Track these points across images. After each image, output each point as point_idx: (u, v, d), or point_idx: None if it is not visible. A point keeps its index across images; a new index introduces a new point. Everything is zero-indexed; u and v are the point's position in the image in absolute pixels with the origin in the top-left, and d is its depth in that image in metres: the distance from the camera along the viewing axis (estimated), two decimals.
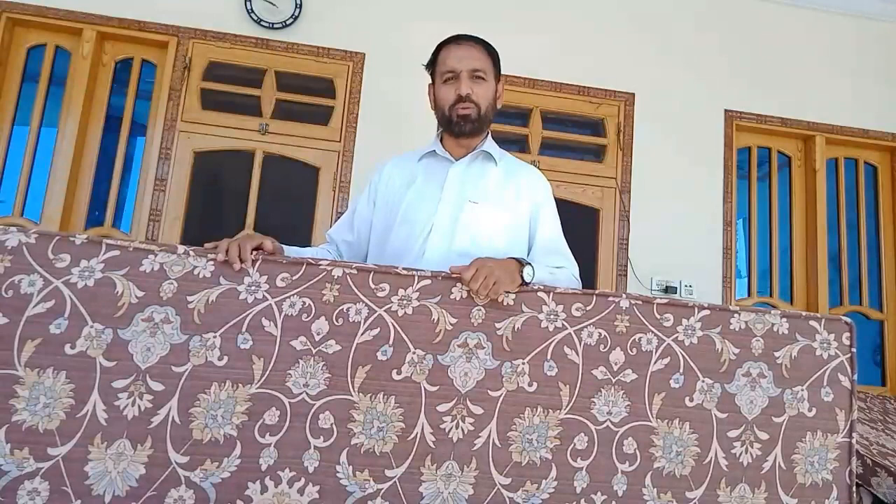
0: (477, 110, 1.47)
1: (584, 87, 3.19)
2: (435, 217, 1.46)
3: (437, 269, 1.24)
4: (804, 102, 3.37)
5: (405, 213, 1.48)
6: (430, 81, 1.54)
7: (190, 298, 1.13)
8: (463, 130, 1.48)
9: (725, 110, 3.31)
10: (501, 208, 1.49)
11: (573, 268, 1.49)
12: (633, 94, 3.24)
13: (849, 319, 1.36)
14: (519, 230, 1.50)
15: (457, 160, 1.53)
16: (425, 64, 1.55)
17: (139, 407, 1.07)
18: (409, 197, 1.50)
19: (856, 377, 1.33)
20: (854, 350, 1.34)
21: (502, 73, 1.55)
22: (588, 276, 3.08)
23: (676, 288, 3.08)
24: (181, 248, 1.15)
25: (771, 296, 3.34)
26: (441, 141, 1.56)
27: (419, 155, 1.57)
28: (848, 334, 1.34)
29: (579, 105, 3.20)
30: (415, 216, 1.47)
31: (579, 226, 3.12)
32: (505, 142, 3.22)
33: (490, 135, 1.58)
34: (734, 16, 3.40)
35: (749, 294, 3.34)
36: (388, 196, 1.54)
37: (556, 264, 1.44)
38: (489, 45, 1.52)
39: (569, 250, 1.54)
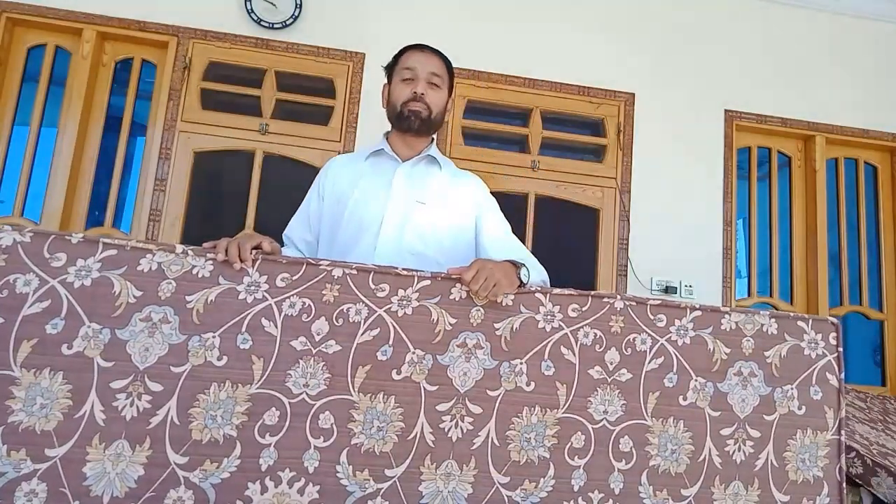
0: (428, 112, 1.53)
1: (584, 87, 3.19)
2: (385, 215, 1.50)
3: (388, 265, 1.24)
4: (804, 102, 3.37)
5: (353, 208, 1.53)
6: (386, 82, 1.62)
7: (189, 298, 1.13)
8: (412, 126, 1.54)
9: (725, 110, 3.30)
10: (447, 210, 1.54)
11: (532, 257, 1.52)
12: (633, 94, 3.23)
13: (835, 320, 1.39)
14: (464, 231, 1.56)
15: (403, 161, 1.58)
16: (384, 65, 1.62)
17: (138, 407, 1.07)
18: (356, 193, 1.54)
19: (843, 376, 1.36)
20: (841, 349, 1.37)
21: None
22: (588, 276, 3.09)
23: (676, 288, 3.08)
24: (179, 248, 1.15)
25: (771, 296, 3.34)
26: (388, 141, 1.62)
27: (366, 154, 1.62)
28: (834, 334, 1.37)
29: (579, 105, 3.20)
30: (363, 213, 1.51)
31: (579, 226, 3.11)
32: (505, 142, 3.24)
33: (434, 142, 1.64)
34: (734, 16, 3.39)
35: (749, 294, 3.33)
36: (336, 191, 1.58)
37: (516, 258, 1.43)
38: (447, 59, 1.60)
39: (520, 242, 1.60)
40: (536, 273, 1.42)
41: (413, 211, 1.51)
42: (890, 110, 3.44)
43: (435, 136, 1.65)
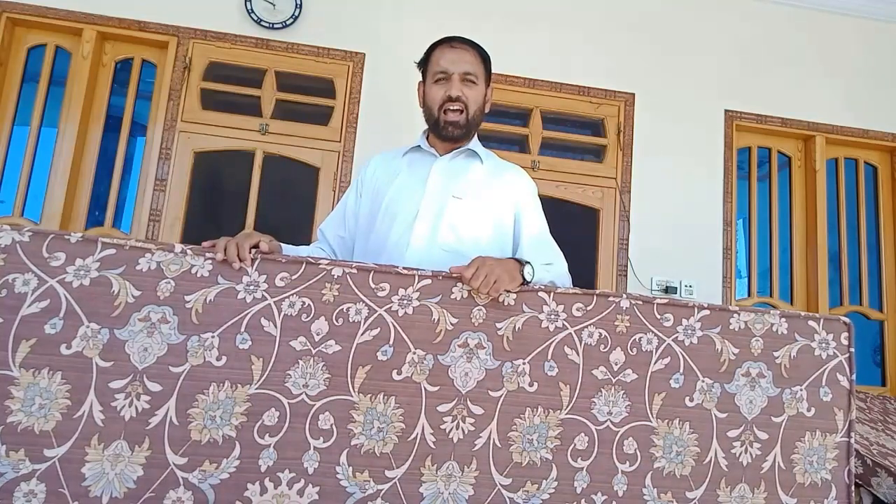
0: (466, 114, 1.50)
1: (584, 87, 3.19)
2: (419, 210, 1.47)
3: (421, 262, 1.24)
4: (804, 102, 3.37)
5: (389, 204, 1.50)
6: (421, 79, 1.57)
7: (188, 298, 1.12)
8: (450, 135, 1.51)
9: (725, 110, 3.30)
10: (484, 205, 1.51)
11: (563, 263, 1.50)
12: (633, 95, 3.23)
13: (847, 319, 1.36)
14: (502, 227, 1.52)
15: (441, 156, 1.55)
16: (417, 62, 1.57)
17: (136, 408, 1.07)
18: (392, 189, 1.52)
19: (854, 377, 1.33)
20: (852, 350, 1.34)
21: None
22: (588, 276, 3.08)
23: (676, 288, 3.08)
24: (178, 247, 1.14)
25: (771, 296, 3.33)
26: (427, 138, 1.59)
27: (404, 150, 1.60)
28: (846, 334, 1.34)
29: (579, 105, 3.20)
30: (398, 208, 1.49)
31: (579, 226, 3.11)
32: (505, 142, 3.24)
33: (476, 135, 1.60)
34: (734, 16, 3.39)
35: (749, 294, 3.33)
36: (374, 188, 1.56)
37: (545, 260, 1.43)
38: (482, 49, 1.54)
39: (556, 246, 1.54)
40: (553, 275, 1.39)
41: (448, 205, 1.48)
42: (889, 110, 3.44)
43: (476, 131, 1.59)
